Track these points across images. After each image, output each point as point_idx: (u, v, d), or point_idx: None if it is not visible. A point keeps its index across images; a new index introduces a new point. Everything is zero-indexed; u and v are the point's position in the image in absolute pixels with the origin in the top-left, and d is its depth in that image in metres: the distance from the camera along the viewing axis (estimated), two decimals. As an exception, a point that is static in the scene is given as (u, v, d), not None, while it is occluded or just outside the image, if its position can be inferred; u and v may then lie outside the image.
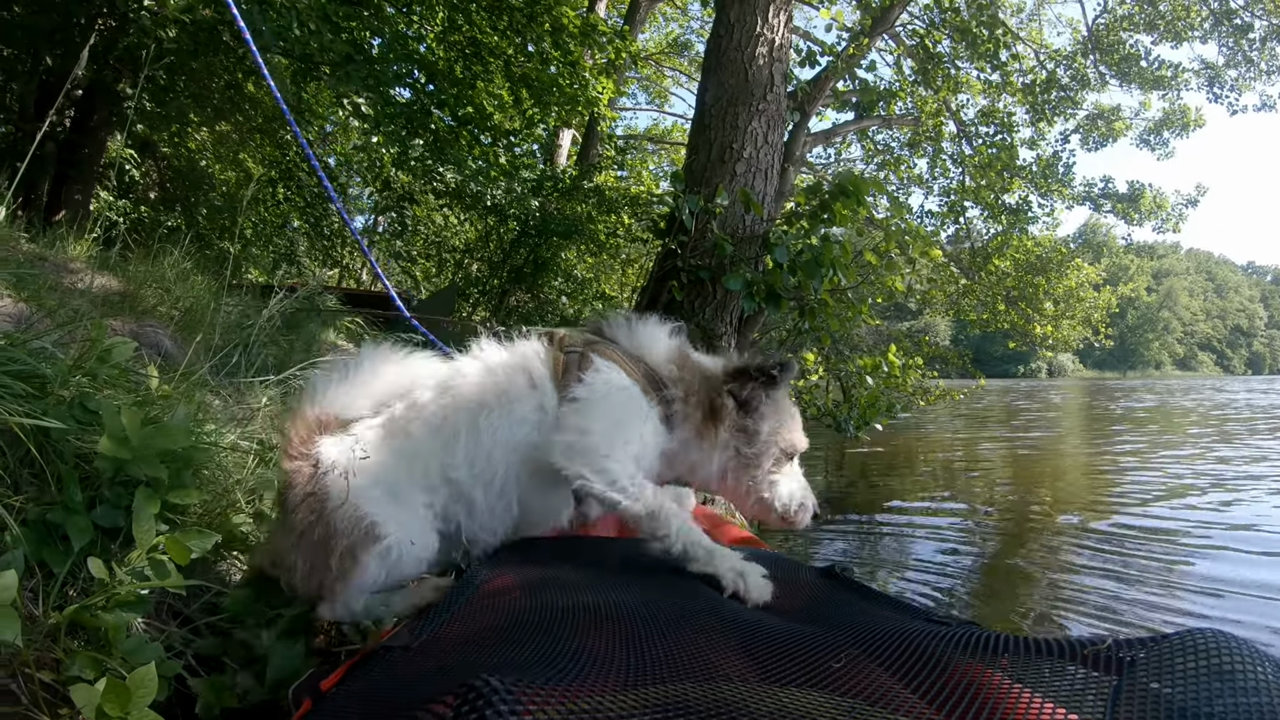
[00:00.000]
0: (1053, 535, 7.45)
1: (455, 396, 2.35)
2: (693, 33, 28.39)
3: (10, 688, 1.71)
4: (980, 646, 1.34)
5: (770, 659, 1.40)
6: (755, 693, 1.07)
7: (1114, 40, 19.42)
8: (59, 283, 4.38)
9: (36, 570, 1.92)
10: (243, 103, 12.98)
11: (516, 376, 2.37)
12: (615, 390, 2.32)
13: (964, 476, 11.46)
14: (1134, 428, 19.88)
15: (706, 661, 1.37)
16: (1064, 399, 39.15)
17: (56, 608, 1.85)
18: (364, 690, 1.48)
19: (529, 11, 11.77)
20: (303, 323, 5.87)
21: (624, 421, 2.29)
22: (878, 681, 1.27)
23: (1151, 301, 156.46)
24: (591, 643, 1.42)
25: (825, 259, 6.80)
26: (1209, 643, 1.14)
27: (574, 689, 1.04)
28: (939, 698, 1.20)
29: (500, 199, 12.72)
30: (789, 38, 8.28)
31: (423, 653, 1.53)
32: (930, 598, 5.69)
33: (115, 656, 1.79)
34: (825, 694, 1.16)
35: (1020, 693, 1.18)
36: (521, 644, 1.46)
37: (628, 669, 1.30)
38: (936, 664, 1.31)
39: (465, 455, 2.27)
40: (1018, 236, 19.35)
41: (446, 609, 1.74)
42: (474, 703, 0.92)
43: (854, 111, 17.24)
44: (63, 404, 2.22)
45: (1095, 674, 1.20)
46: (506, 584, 1.89)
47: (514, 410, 2.31)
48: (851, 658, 1.37)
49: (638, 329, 2.48)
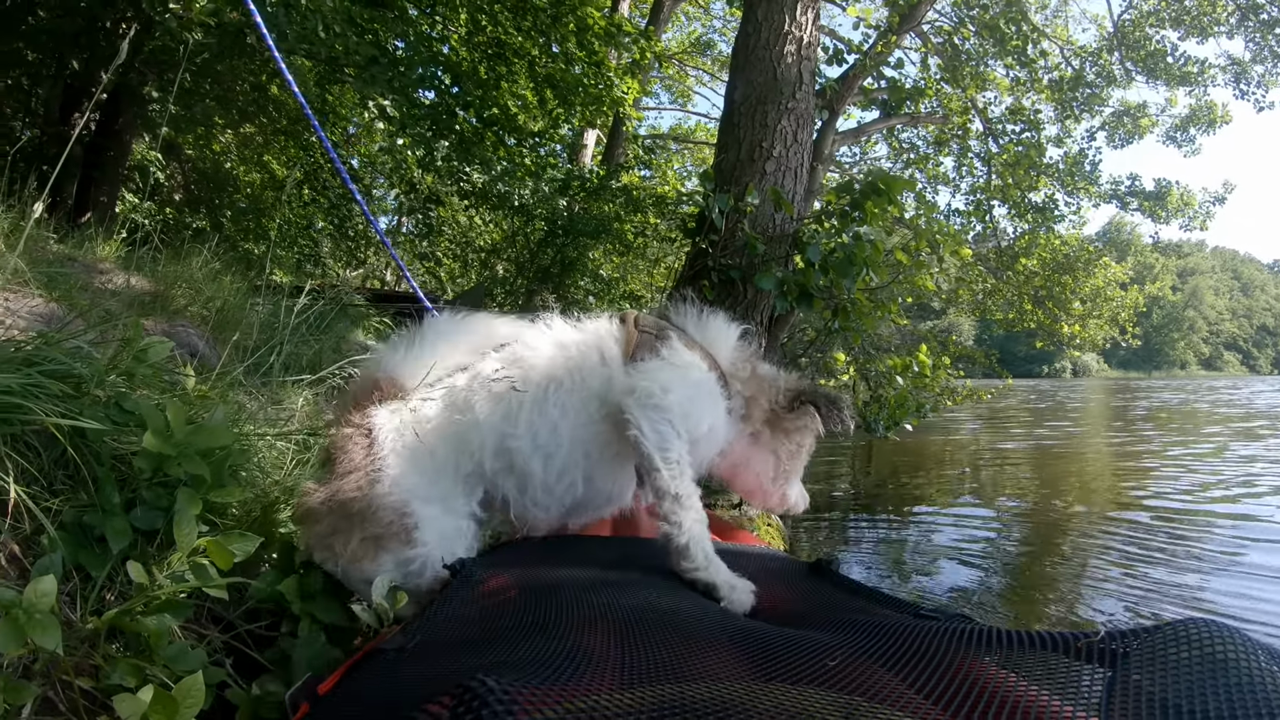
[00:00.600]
0: (1088, 530, 7.35)
1: (523, 368, 2.32)
2: (715, 32, 28.39)
3: (49, 695, 1.67)
4: (974, 640, 1.34)
5: (766, 660, 1.40)
6: (753, 691, 1.06)
7: (1140, 36, 19.23)
8: (89, 283, 4.36)
9: (74, 574, 1.88)
10: (267, 105, 13.03)
11: (590, 353, 2.35)
12: (696, 369, 2.35)
13: (995, 473, 11.36)
14: (1177, 425, 19.70)
15: (703, 661, 1.38)
16: (1089, 399, 38.85)
17: (94, 612, 1.81)
18: (361, 693, 1.48)
19: (553, 12, 11.74)
20: (333, 322, 5.84)
21: (698, 400, 2.31)
22: (875, 678, 1.27)
23: (1177, 301, 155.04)
24: (588, 643, 1.43)
25: (858, 258, 6.71)
26: (1202, 633, 1.15)
27: (570, 689, 1.05)
28: (937, 692, 1.20)
29: (527, 199, 12.69)
30: (817, 35, 8.20)
31: (419, 654, 1.53)
32: (960, 592, 5.63)
33: (157, 663, 1.73)
34: (823, 691, 1.16)
35: (1017, 685, 1.18)
36: (517, 644, 1.46)
37: (624, 669, 1.31)
38: (933, 658, 1.31)
39: (528, 426, 2.24)
40: (1045, 235, 19.19)
41: (443, 609, 1.74)
42: (470, 703, 0.93)
43: (880, 110, 17.13)
44: (99, 404, 2.18)
45: (1089, 666, 1.19)
46: (502, 584, 1.89)
47: (585, 386, 2.30)
48: (847, 655, 1.37)
49: (707, 322, 2.49)
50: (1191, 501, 8.99)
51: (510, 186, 12.44)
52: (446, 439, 2.23)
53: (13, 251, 3.47)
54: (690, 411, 2.23)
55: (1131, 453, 14.10)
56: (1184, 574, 6.11)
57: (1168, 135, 21.94)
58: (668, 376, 2.24)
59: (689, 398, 2.25)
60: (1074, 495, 9.53)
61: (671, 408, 2.18)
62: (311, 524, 2.14)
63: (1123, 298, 20.79)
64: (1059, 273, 19.12)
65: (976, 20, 16.25)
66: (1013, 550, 6.93)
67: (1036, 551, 6.81)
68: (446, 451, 2.22)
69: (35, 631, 1.50)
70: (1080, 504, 8.87)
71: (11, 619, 1.49)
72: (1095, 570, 6.17)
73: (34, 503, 1.88)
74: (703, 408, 2.31)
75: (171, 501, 2.01)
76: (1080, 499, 9.22)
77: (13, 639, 1.48)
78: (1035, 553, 6.77)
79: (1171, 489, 9.88)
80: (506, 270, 14.68)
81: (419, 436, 2.21)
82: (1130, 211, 21.77)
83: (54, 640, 1.52)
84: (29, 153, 10.99)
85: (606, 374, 2.30)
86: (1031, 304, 19.44)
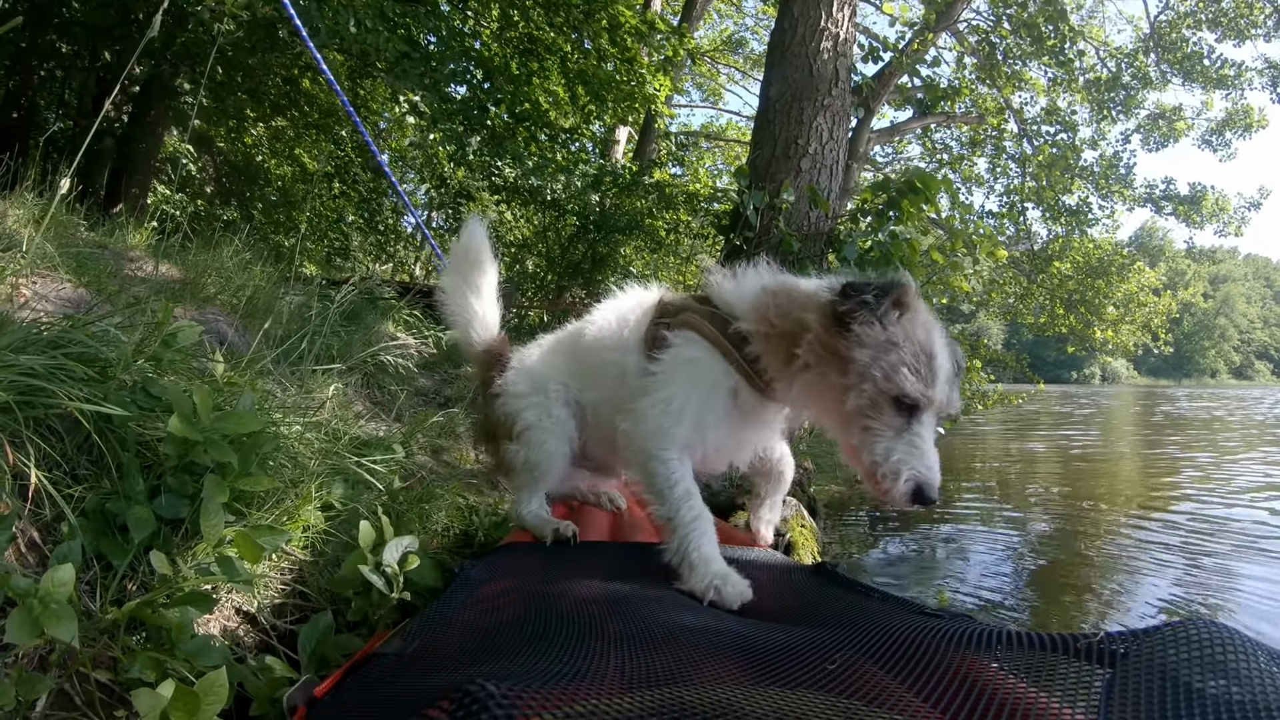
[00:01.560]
0: (1119, 536, 7.22)
1: (589, 334, 2.72)
2: (747, 30, 28.28)
3: (65, 687, 1.60)
4: (974, 640, 1.36)
5: (767, 665, 1.40)
6: (751, 695, 1.07)
7: (1176, 38, 18.98)
8: (119, 270, 4.33)
9: (94, 563, 1.82)
10: (299, 98, 13.06)
11: (623, 332, 2.58)
12: (682, 365, 2.31)
13: (1030, 480, 11.21)
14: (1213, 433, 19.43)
15: (704, 667, 1.39)
16: (1120, 405, 38.43)
17: (115, 603, 1.75)
18: (359, 696, 1.49)
19: (586, 8, 11.68)
20: (363, 314, 5.81)
21: (681, 398, 2.28)
22: (874, 681, 1.28)
23: (1208, 308, 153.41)
24: (587, 647, 1.46)
25: (895, 257, 6.61)
26: (1201, 633, 1.16)
27: (570, 692, 1.07)
28: (935, 694, 1.21)
29: (559, 194, 12.64)
30: (853, 32, 8.11)
31: (418, 658, 1.56)
32: (990, 597, 5.52)
33: (178, 657, 1.66)
34: (822, 695, 1.18)
35: (1015, 686, 1.19)
36: (517, 649, 1.50)
37: (624, 673, 1.33)
38: (932, 660, 1.31)
39: (583, 382, 2.73)
40: (1078, 239, 18.99)
41: (441, 614, 1.79)
42: (469, 707, 0.94)
43: (915, 109, 17.01)
44: (125, 389, 2.12)
45: (1089, 666, 1.20)
46: (501, 589, 1.96)
47: (617, 364, 2.53)
48: (847, 658, 1.38)
49: (742, 279, 2.40)
50: (1229, 508, 8.82)
51: (543, 180, 12.38)
52: (547, 370, 2.82)
53: (43, 238, 3.43)
54: (665, 420, 2.27)
55: (1168, 458, 13.88)
56: (1219, 578, 5.98)
57: (1203, 139, 21.65)
58: (648, 394, 2.32)
59: (666, 402, 2.28)
60: (1112, 500, 9.37)
61: (647, 434, 2.28)
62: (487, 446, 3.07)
63: (1155, 303, 20.55)
64: (1092, 277, 18.92)
65: (1014, 19, 16.07)
66: (1040, 556, 6.81)
67: (1065, 558, 6.68)
68: (548, 377, 2.79)
69: (50, 623, 1.43)
70: (1117, 508, 8.72)
71: (26, 609, 1.43)
72: (1128, 578, 6.05)
73: (56, 488, 1.82)
74: (687, 403, 2.28)
75: (198, 489, 1.95)
76: (1119, 504, 9.07)
77: (27, 630, 1.42)
78: (1063, 559, 6.64)
79: (1209, 495, 9.69)
80: (537, 266, 14.63)
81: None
82: (1164, 216, 21.49)
83: (70, 632, 1.45)
84: (61, 144, 11.07)
85: (620, 358, 2.52)
86: (1063, 308, 19.25)
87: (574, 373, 2.75)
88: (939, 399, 2.01)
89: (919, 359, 2.00)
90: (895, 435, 2.00)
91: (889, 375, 1.97)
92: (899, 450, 1.98)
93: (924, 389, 1.98)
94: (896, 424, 2.00)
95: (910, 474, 1.96)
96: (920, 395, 1.98)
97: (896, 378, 1.97)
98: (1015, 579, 6.10)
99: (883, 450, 1.99)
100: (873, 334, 2.01)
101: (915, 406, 2.00)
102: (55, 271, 3.45)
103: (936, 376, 2.01)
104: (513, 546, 2.53)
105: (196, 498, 1.94)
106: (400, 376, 5.10)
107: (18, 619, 1.42)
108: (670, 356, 2.31)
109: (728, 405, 2.29)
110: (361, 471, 2.97)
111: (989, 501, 9.38)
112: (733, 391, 2.29)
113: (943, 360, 2.04)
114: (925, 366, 2.00)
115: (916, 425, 2.01)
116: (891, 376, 1.97)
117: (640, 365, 2.40)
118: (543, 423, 2.69)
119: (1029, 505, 9.14)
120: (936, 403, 2.01)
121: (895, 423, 2.00)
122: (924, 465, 1.98)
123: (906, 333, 2.02)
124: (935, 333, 2.08)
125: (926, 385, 1.99)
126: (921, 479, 1.97)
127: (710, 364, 2.28)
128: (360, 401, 4.53)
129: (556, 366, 2.81)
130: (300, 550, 2.37)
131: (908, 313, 2.06)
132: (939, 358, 2.03)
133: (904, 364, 1.98)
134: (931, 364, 2.01)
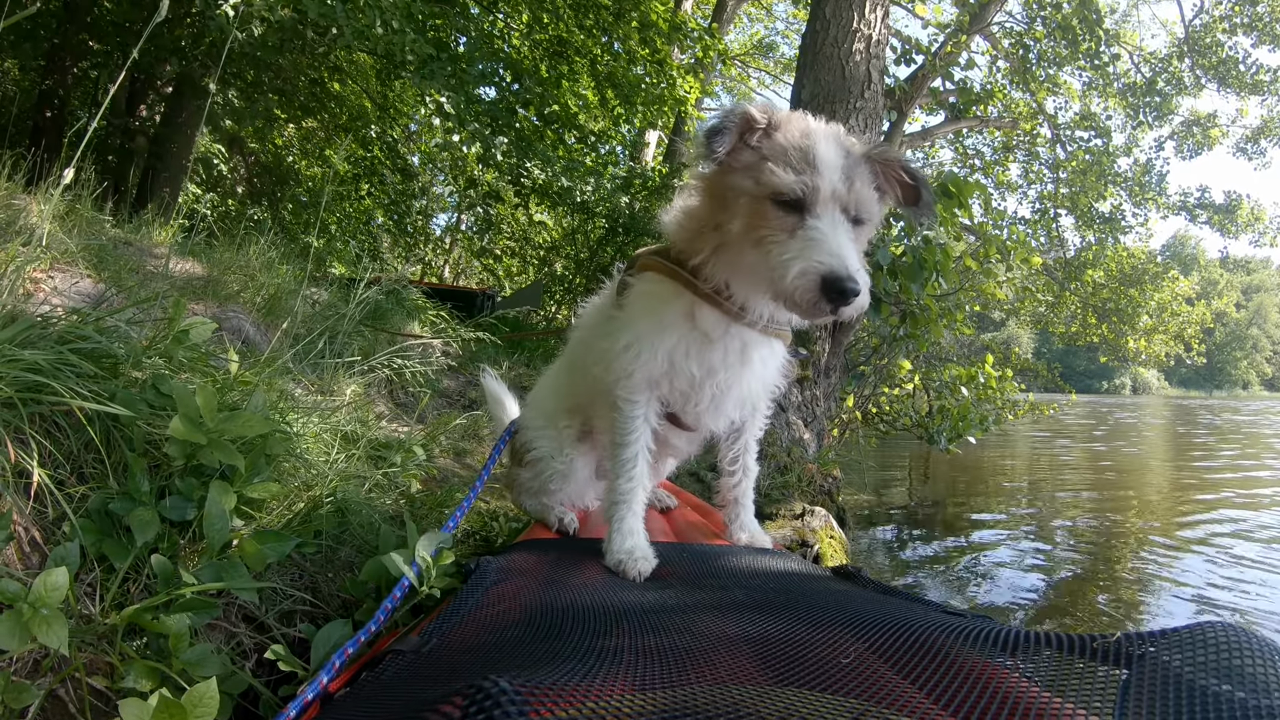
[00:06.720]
0: (1149, 545, 7.10)
1: (579, 327, 2.74)
2: (777, 34, 28.27)
3: (59, 693, 1.54)
4: (988, 640, 1.34)
5: (780, 662, 1.39)
6: (763, 695, 1.07)
7: (1211, 42, 18.69)
8: (141, 265, 4.30)
9: (95, 565, 1.75)
10: (328, 100, 13.10)
11: (601, 301, 2.62)
12: (639, 300, 2.29)
13: (1056, 486, 11.06)
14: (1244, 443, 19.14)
15: (717, 664, 1.37)
16: (1155, 416, 37.99)
17: (115, 606, 1.68)
18: (372, 693, 1.46)
19: (616, 9, 11.63)
20: (387, 314, 5.77)
21: (638, 329, 2.25)
22: (885, 680, 1.26)
23: (1240, 319, 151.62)
24: (600, 645, 1.44)
25: (928, 262, 6.50)
26: (1219, 636, 1.14)
27: (582, 691, 1.07)
28: (947, 695, 1.18)
29: (589, 195, 12.61)
30: (886, 34, 8.00)
31: (432, 656, 1.54)
32: (1019, 603, 5.44)
33: (175, 666, 1.60)
34: (832, 695, 1.17)
35: (1029, 688, 1.17)
36: (530, 647, 1.48)
37: (636, 671, 1.31)
38: (944, 660, 1.30)
39: (584, 383, 2.57)
40: (1111, 247, 18.78)
41: (456, 612, 1.76)
42: (482, 703, 0.94)
43: (947, 113, 16.85)
44: (134, 386, 2.06)
45: (1105, 668, 1.19)
46: (514, 588, 1.94)
47: (599, 327, 2.48)
48: (859, 655, 1.37)
49: (672, 207, 2.36)
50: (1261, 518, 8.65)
51: (572, 181, 12.35)
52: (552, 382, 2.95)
53: (66, 234, 3.40)
54: (632, 363, 2.25)
55: (1202, 470, 13.66)
56: (1256, 586, 5.88)
57: (1238, 146, 21.32)
58: (618, 335, 2.28)
59: (636, 347, 2.24)
60: (1145, 512, 9.22)
61: (622, 378, 2.28)
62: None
63: (1189, 313, 20.30)
64: (1125, 285, 18.71)
65: (1048, 21, 15.89)
66: (1071, 564, 6.70)
67: (1096, 567, 6.57)
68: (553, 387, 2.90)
69: (40, 629, 1.38)
70: (1151, 519, 8.57)
71: (16, 614, 1.36)
72: (1158, 586, 5.95)
73: (60, 487, 1.77)
74: (649, 337, 2.22)
75: (205, 493, 1.89)
76: (1151, 515, 8.92)
77: (15, 635, 1.36)
78: (1095, 568, 6.54)
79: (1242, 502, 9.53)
80: (565, 268, 14.61)
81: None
82: (1199, 224, 21.19)
83: (60, 639, 1.39)
84: (93, 144, 11.13)
85: (601, 322, 2.48)
86: (1095, 317, 19.04)
87: (574, 367, 2.72)
88: (825, 186, 1.85)
89: (789, 155, 1.87)
90: (789, 236, 1.85)
91: (758, 179, 1.88)
92: (792, 248, 1.83)
93: (799, 178, 1.85)
94: (788, 224, 1.86)
95: (806, 266, 1.79)
96: (796, 185, 1.84)
97: (764, 177, 1.86)
98: (1042, 586, 6.02)
99: (777, 254, 1.85)
100: (743, 157, 1.93)
101: (801, 201, 1.86)
102: (75, 266, 3.42)
103: (814, 165, 1.86)
104: (529, 543, 2.51)
105: (204, 500, 1.88)
106: (422, 380, 5.04)
107: (7, 624, 1.37)
108: (631, 296, 2.30)
109: (686, 328, 2.19)
110: (378, 475, 2.91)
111: (1018, 509, 9.26)
112: (688, 315, 2.18)
113: (824, 150, 1.88)
114: (799, 158, 1.87)
115: (811, 219, 1.84)
116: (761, 178, 1.87)
117: (610, 315, 2.40)
118: (555, 461, 2.71)
119: (1060, 512, 9.01)
120: (824, 190, 1.85)
121: (786, 224, 1.86)
122: (825, 253, 1.79)
123: (776, 142, 1.91)
124: (816, 133, 1.94)
125: (800, 173, 1.85)
126: (824, 269, 1.77)
127: (663, 290, 2.21)
128: (382, 402, 4.48)
129: (559, 389, 2.83)
130: (311, 554, 2.30)
131: (777, 130, 1.94)
132: (817, 149, 1.88)
133: (770, 163, 1.87)
134: (807, 156, 1.87)
